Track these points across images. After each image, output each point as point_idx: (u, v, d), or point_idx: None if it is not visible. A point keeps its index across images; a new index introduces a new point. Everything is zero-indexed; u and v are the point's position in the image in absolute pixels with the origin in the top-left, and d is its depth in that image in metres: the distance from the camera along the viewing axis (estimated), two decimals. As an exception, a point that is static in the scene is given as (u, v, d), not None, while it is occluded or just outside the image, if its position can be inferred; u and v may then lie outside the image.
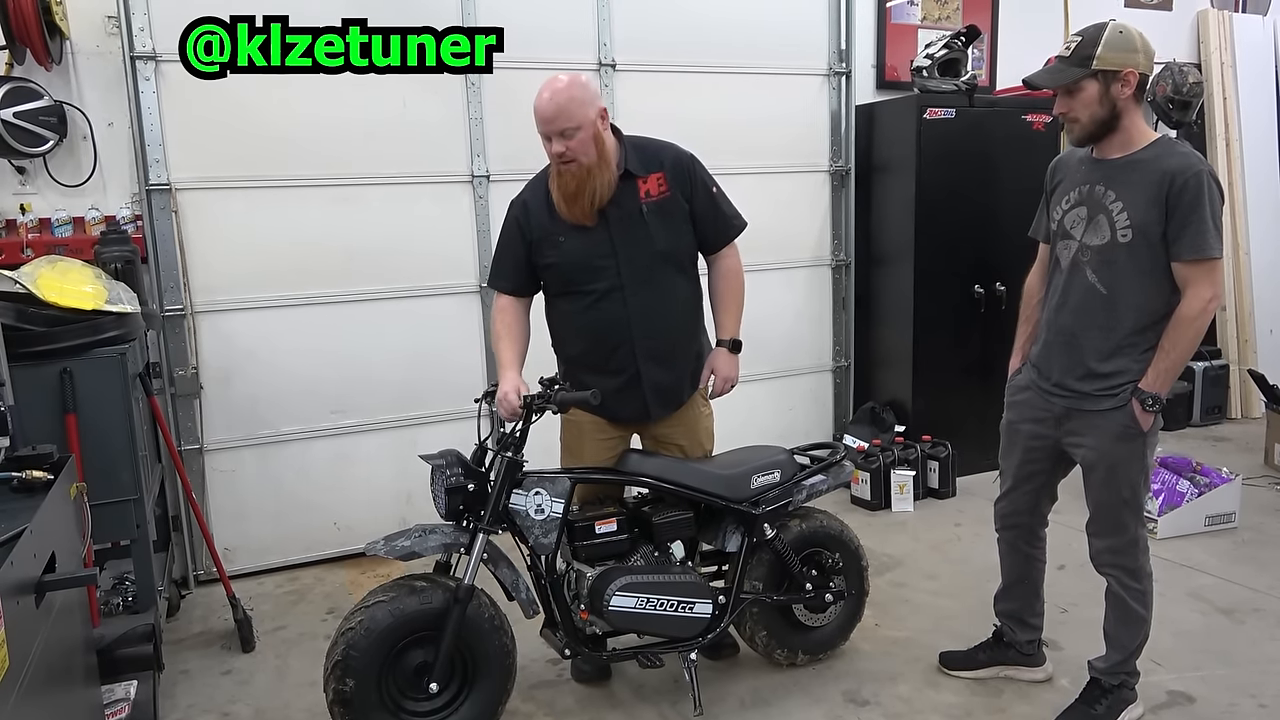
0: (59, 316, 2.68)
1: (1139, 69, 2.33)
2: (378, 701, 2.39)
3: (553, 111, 2.47)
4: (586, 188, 2.54)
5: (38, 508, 1.73)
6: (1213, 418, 5.80)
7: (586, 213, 2.58)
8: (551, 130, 2.49)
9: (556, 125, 2.48)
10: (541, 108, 2.49)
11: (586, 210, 2.57)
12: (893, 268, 4.86)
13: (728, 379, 2.79)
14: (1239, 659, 2.97)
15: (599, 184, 2.54)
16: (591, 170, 2.52)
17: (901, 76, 5.00)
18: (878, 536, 4.08)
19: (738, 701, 2.81)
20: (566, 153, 2.50)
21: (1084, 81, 2.33)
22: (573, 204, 2.57)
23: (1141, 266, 2.37)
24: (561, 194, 2.58)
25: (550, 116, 2.48)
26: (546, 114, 2.48)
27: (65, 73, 3.55)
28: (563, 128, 2.47)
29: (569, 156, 2.50)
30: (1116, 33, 2.32)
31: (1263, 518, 4.15)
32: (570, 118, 2.47)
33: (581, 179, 2.53)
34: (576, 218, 2.59)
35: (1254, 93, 6.00)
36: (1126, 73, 2.32)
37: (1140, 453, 2.45)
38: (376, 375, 4.01)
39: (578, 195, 2.55)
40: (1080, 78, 2.33)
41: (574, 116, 2.47)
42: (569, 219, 2.60)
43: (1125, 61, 2.31)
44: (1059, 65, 2.38)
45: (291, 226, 3.81)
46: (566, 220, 2.61)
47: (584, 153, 2.51)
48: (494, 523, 2.48)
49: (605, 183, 2.56)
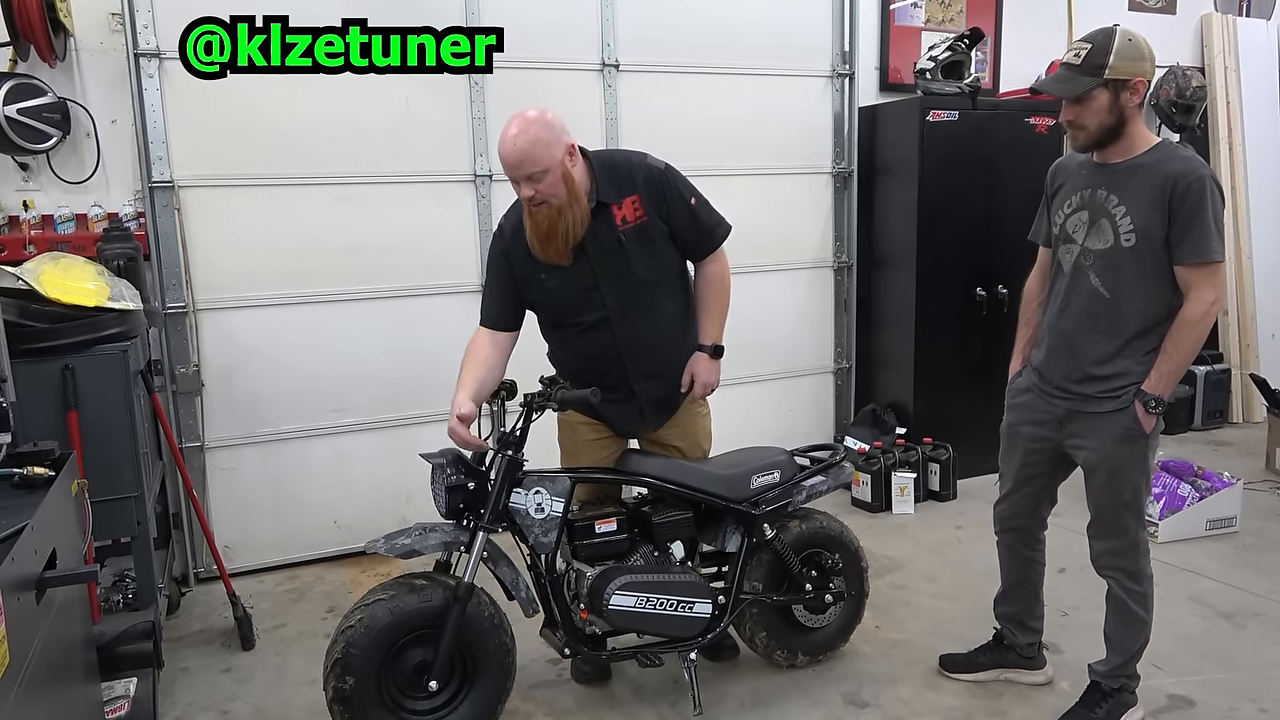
0: (61, 313, 2.68)
1: (1147, 76, 2.33)
2: (377, 700, 2.39)
3: (517, 157, 2.39)
4: (559, 228, 2.47)
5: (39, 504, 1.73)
6: (1214, 422, 5.80)
7: (561, 252, 2.51)
8: (518, 175, 2.42)
9: (523, 170, 2.40)
10: (506, 154, 2.41)
11: (561, 250, 2.51)
12: (895, 270, 4.86)
13: (707, 384, 2.76)
14: (1239, 663, 2.97)
15: (571, 221, 2.47)
16: (563, 210, 2.45)
17: (905, 79, 5.00)
18: (878, 538, 4.08)
19: (737, 702, 2.81)
20: (536, 195, 2.43)
21: (1094, 91, 2.32)
22: (547, 244, 2.50)
23: (1145, 271, 2.37)
24: (535, 235, 2.51)
25: (516, 162, 2.40)
26: (511, 160, 2.41)
27: (69, 69, 3.56)
28: (529, 172, 2.40)
29: (539, 199, 2.44)
30: (1126, 40, 2.30)
31: (1264, 522, 4.15)
32: (536, 162, 2.39)
33: (553, 219, 2.46)
34: (552, 258, 2.53)
35: (1257, 97, 6.00)
36: (1136, 81, 2.31)
37: (1142, 455, 2.45)
38: (378, 374, 4.01)
39: (550, 236, 2.48)
40: (1092, 88, 2.32)
41: (539, 160, 2.39)
42: (544, 259, 2.54)
43: (1135, 70, 2.30)
44: (1068, 74, 2.35)
45: (294, 225, 3.81)
46: (543, 260, 2.56)
47: (554, 194, 2.44)
48: (494, 521, 2.48)
49: (578, 219, 2.49)
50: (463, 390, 2.53)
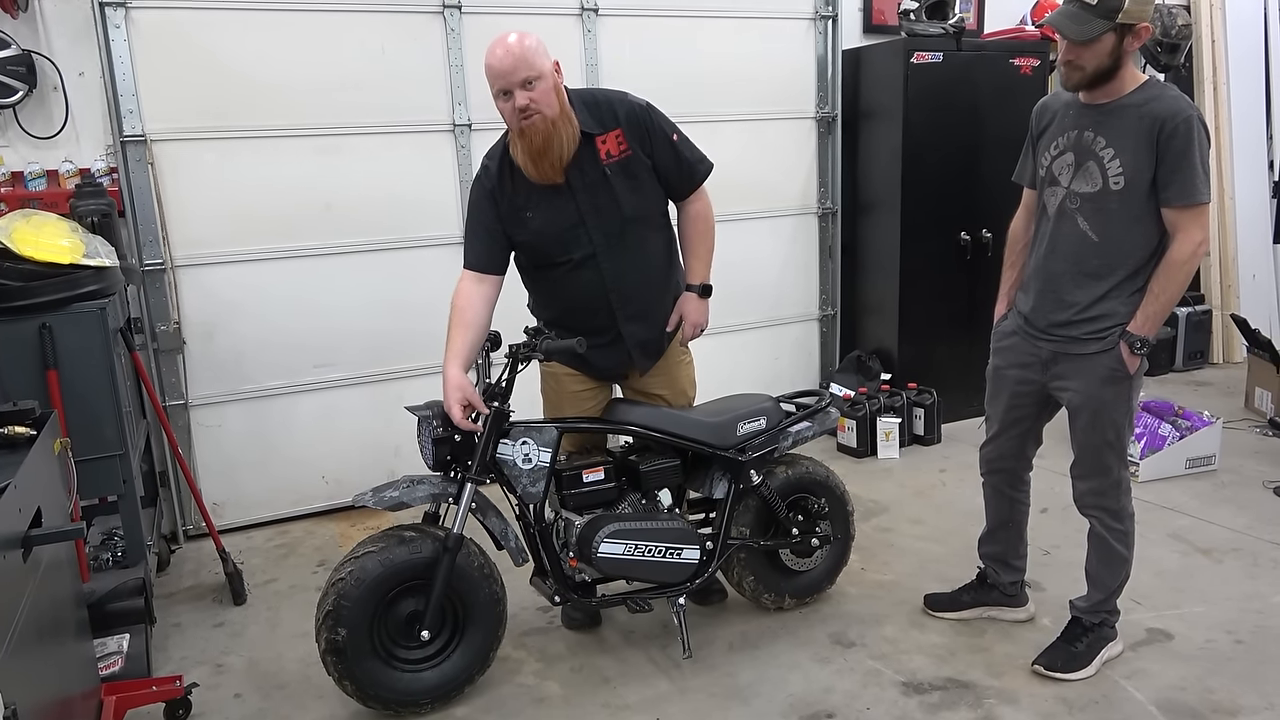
0: (36, 271, 2.64)
1: (1150, 21, 2.30)
2: (370, 650, 2.41)
3: (511, 63, 2.36)
4: (554, 141, 2.43)
5: (20, 463, 1.72)
6: (1195, 362, 5.85)
7: (556, 168, 2.48)
8: (513, 82, 2.37)
9: (518, 75, 2.36)
10: (499, 61, 2.37)
11: (556, 165, 2.47)
12: (879, 215, 4.84)
13: (696, 324, 2.77)
14: (1216, 597, 3.03)
15: (565, 136, 2.44)
16: (556, 123, 2.42)
17: (889, 20, 4.92)
18: (864, 483, 4.12)
19: (726, 645, 2.85)
20: (530, 105, 2.38)
21: (1103, 34, 2.27)
22: (540, 160, 2.46)
23: (1133, 213, 2.36)
24: (527, 153, 2.46)
25: (509, 68, 2.36)
26: (505, 66, 2.36)
27: (32, 20, 3.45)
28: (525, 76, 2.36)
29: (532, 110, 2.39)
30: None
31: (1242, 460, 4.21)
32: (531, 66, 2.36)
33: (548, 132, 2.42)
34: (546, 175, 2.49)
35: (1241, 36, 5.95)
36: (1141, 27, 2.27)
37: (1126, 396, 2.47)
38: (361, 328, 3.98)
39: (545, 150, 2.44)
40: (1104, 31, 2.26)
41: (533, 64, 2.36)
42: (537, 179, 2.50)
43: (1143, 15, 2.26)
44: (1083, 14, 2.27)
45: (271, 178, 3.75)
46: (535, 183, 2.51)
47: (547, 104, 2.40)
48: (481, 473, 2.48)
49: (570, 135, 2.46)
50: (453, 361, 2.49)
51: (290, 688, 2.73)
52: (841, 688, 2.62)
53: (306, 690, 2.70)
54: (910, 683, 2.62)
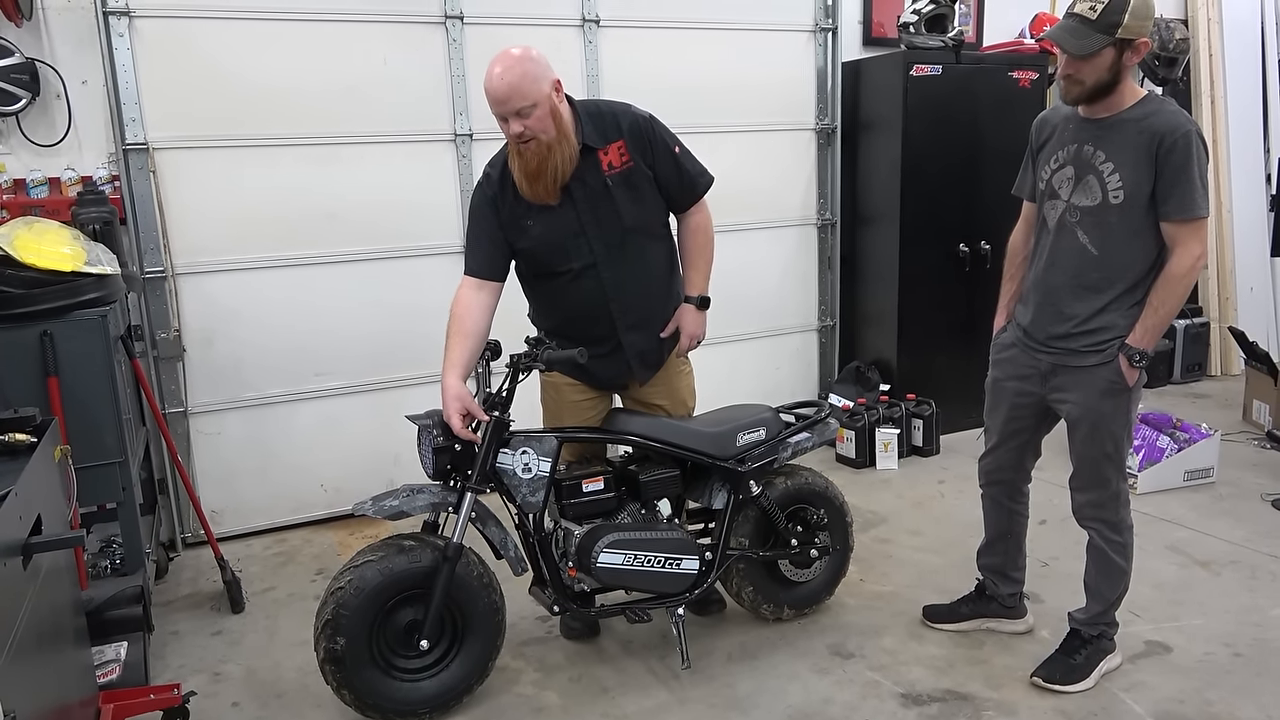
0: (37, 278, 2.64)
1: (1149, 36, 2.31)
2: (369, 659, 2.41)
3: (505, 91, 2.36)
4: (548, 165, 2.44)
5: (21, 471, 1.72)
6: (1193, 375, 5.86)
7: (550, 190, 2.49)
8: (506, 110, 2.38)
9: (511, 105, 2.37)
10: (493, 88, 2.37)
11: (550, 188, 2.48)
12: (878, 226, 4.85)
13: (693, 336, 2.78)
14: (1215, 610, 3.03)
15: (560, 159, 2.45)
16: (552, 146, 2.43)
17: (888, 32, 4.95)
18: (863, 494, 4.12)
19: (725, 655, 2.85)
20: (525, 132, 2.39)
21: (1103, 49, 2.28)
22: (535, 182, 2.47)
23: (1133, 227, 2.37)
24: (523, 174, 2.47)
25: (504, 97, 2.37)
26: (499, 94, 2.37)
27: (36, 29, 3.47)
28: (518, 107, 2.36)
29: (527, 135, 2.40)
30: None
31: (1240, 472, 4.22)
32: (525, 96, 2.36)
33: (542, 156, 2.43)
34: (540, 197, 2.50)
35: (1239, 50, 5.98)
36: (1140, 42, 2.28)
37: (1124, 408, 2.47)
38: (361, 336, 3.98)
39: (539, 173, 2.45)
40: (1104, 46, 2.28)
41: (528, 94, 2.36)
42: (532, 199, 2.51)
43: (1143, 30, 2.27)
44: (1082, 28, 2.28)
45: (273, 186, 3.75)
46: (531, 201, 2.53)
47: (543, 130, 2.41)
48: (481, 482, 2.48)
49: (567, 157, 2.47)
50: (451, 371, 2.48)
51: (288, 696, 2.72)
52: (840, 699, 2.61)
53: (304, 699, 2.69)
54: (909, 694, 2.62)
